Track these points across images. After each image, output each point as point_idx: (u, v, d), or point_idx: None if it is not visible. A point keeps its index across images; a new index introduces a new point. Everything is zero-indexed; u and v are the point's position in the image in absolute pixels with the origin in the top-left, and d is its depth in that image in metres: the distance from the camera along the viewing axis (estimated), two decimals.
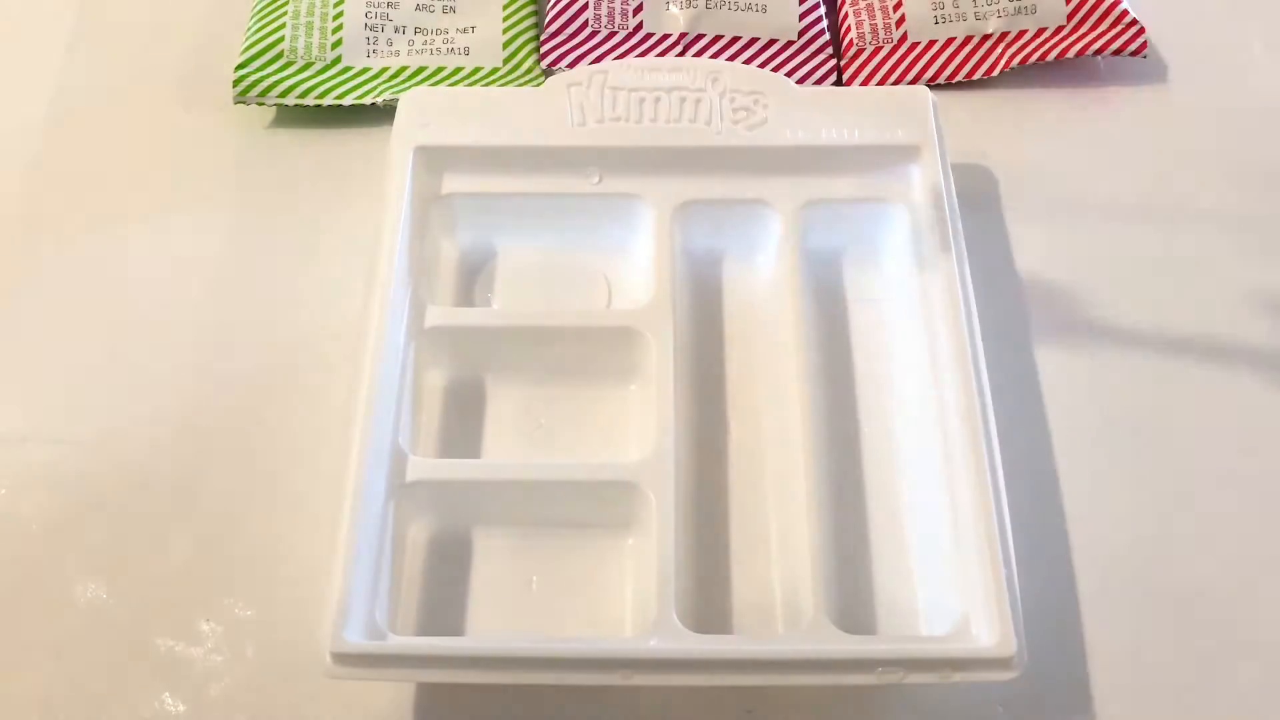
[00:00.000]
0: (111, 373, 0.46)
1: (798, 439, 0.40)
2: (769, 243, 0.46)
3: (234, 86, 0.51)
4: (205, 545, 0.42)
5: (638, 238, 0.46)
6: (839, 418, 0.43)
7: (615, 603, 0.40)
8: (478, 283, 0.46)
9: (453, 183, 0.46)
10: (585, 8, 0.54)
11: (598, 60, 0.53)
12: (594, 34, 0.54)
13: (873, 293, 0.46)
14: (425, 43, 0.53)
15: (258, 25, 0.53)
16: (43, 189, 0.51)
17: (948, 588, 0.38)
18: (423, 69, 0.53)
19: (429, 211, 0.45)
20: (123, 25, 0.56)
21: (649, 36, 0.54)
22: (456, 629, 0.39)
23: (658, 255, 0.44)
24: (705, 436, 0.43)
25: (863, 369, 0.44)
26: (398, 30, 0.53)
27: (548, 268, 0.46)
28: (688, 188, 0.45)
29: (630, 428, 0.43)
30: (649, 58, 0.48)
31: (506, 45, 0.54)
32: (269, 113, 0.52)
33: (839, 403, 0.43)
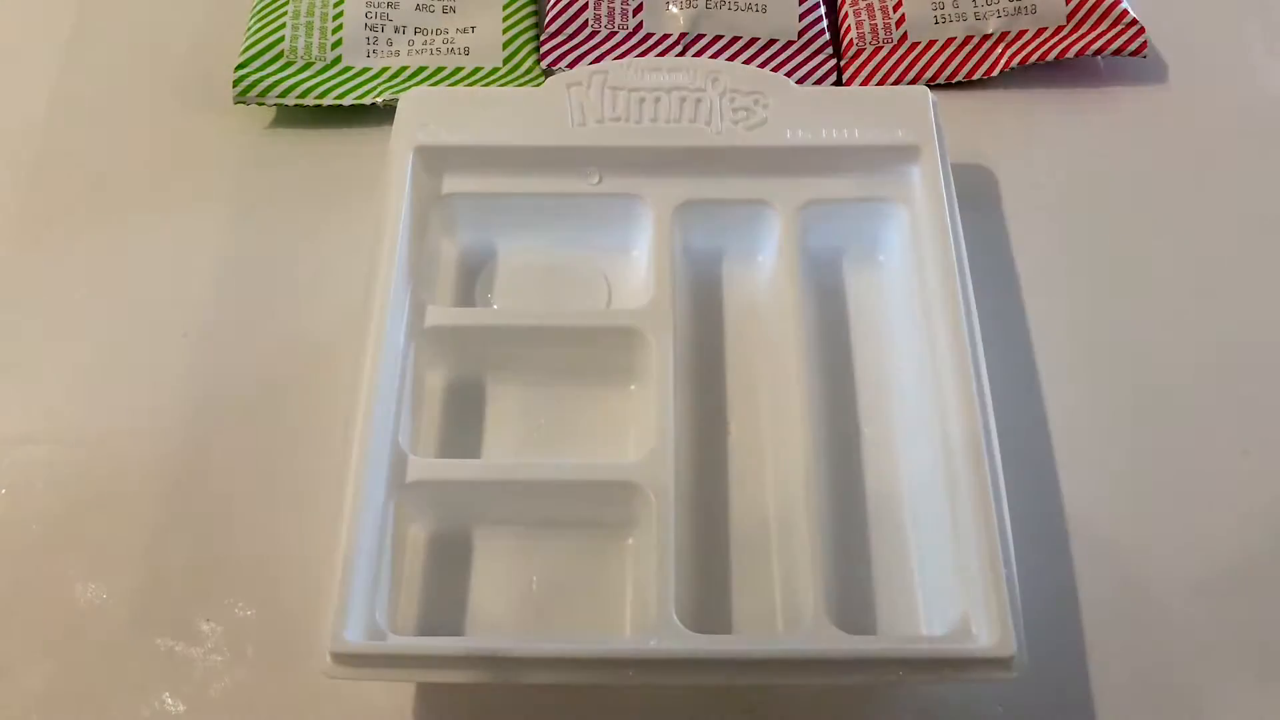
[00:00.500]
0: (111, 373, 0.46)
1: (798, 439, 0.40)
2: (769, 243, 0.46)
3: (234, 86, 0.51)
4: (205, 545, 0.42)
5: (638, 238, 0.46)
6: (839, 418, 0.43)
7: (615, 603, 0.40)
8: (478, 283, 0.46)
9: (453, 183, 0.46)
10: (585, 8, 0.54)
11: (598, 60, 0.53)
12: (594, 34, 0.54)
13: (873, 293, 0.46)
14: (425, 43, 0.53)
15: (258, 25, 0.53)
16: (43, 189, 0.51)
17: (948, 588, 0.38)
18: (423, 69, 0.53)
19: (429, 211, 0.45)
20: (123, 25, 0.56)
21: (649, 36, 0.54)
22: (456, 629, 0.39)
23: (658, 255, 0.44)
24: (705, 436, 0.43)
25: (862, 369, 0.44)
26: (398, 30, 0.53)
27: (548, 268, 0.46)
28: (688, 188, 0.45)
29: (630, 428, 0.43)
30: (649, 58, 0.47)
31: (506, 45, 0.54)
32: (269, 113, 0.52)
33: (839, 403, 0.43)
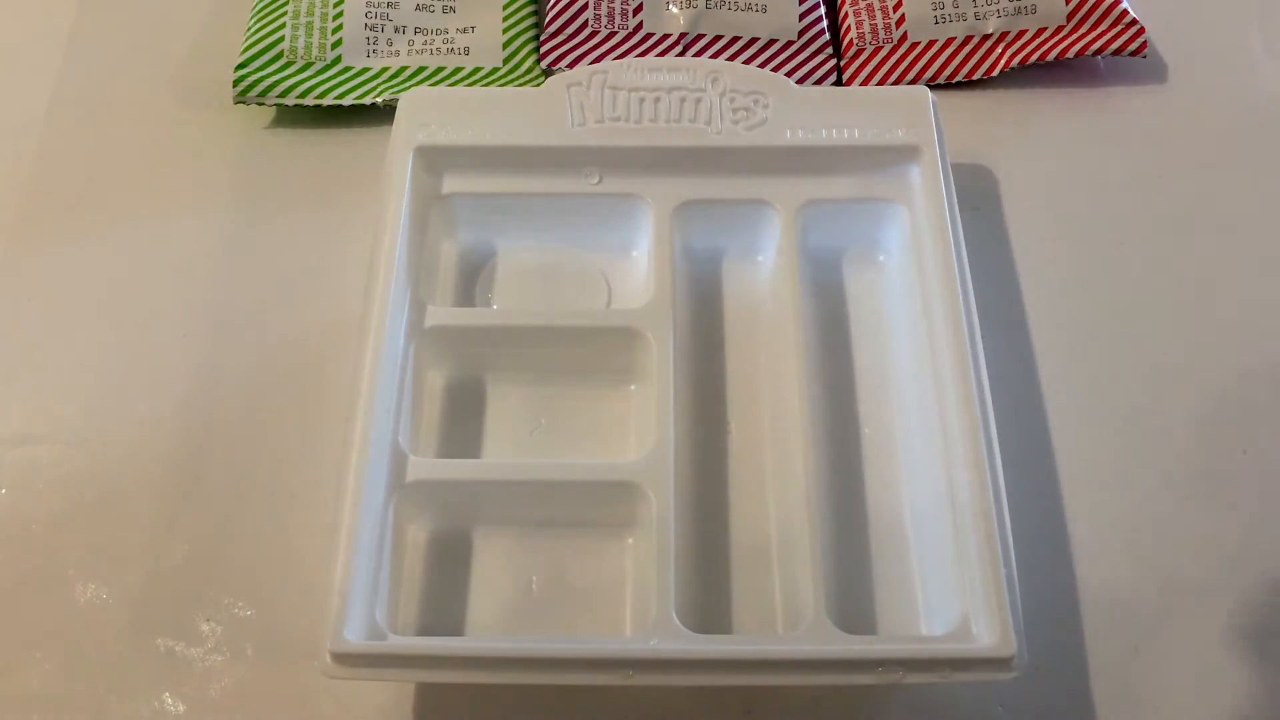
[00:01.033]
0: (112, 373, 0.46)
1: (798, 439, 0.40)
2: (769, 243, 0.46)
3: (234, 86, 0.51)
4: (205, 545, 0.42)
5: (638, 238, 0.46)
6: (839, 417, 0.43)
7: (615, 603, 0.40)
8: (478, 283, 0.46)
9: (453, 183, 0.45)
10: (585, 8, 0.54)
11: (597, 60, 0.53)
12: (594, 34, 0.54)
13: (873, 293, 0.46)
14: (425, 43, 0.53)
15: (257, 25, 0.53)
16: (43, 188, 0.51)
17: (947, 588, 0.38)
18: (423, 69, 0.53)
19: (429, 211, 0.45)
20: (122, 25, 0.56)
21: (649, 36, 0.54)
22: (456, 629, 0.39)
23: (658, 255, 0.44)
24: (705, 436, 0.43)
25: (862, 369, 0.44)
26: (398, 30, 0.53)
27: (548, 268, 0.46)
28: (688, 188, 0.45)
29: (630, 428, 0.43)
30: (649, 58, 0.47)
31: (506, 45, 0.54)
32: (269, 113, 0.52)
33: (839, 402, 0.43)
